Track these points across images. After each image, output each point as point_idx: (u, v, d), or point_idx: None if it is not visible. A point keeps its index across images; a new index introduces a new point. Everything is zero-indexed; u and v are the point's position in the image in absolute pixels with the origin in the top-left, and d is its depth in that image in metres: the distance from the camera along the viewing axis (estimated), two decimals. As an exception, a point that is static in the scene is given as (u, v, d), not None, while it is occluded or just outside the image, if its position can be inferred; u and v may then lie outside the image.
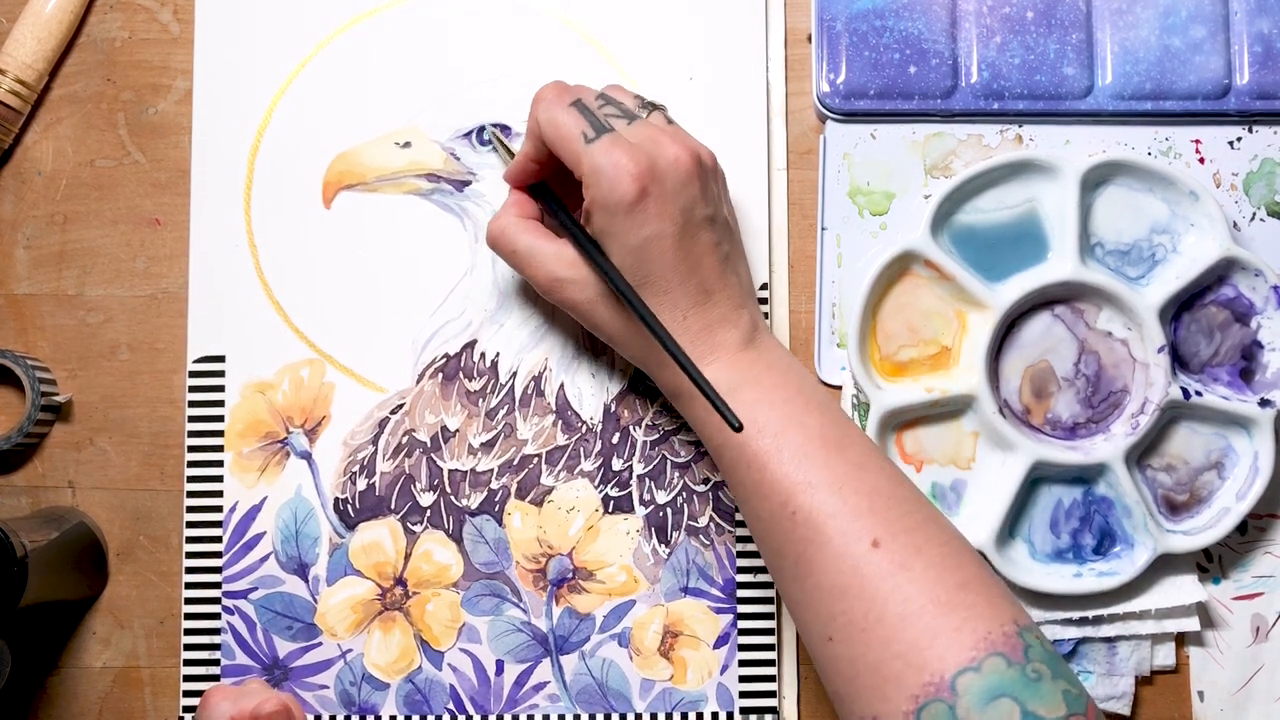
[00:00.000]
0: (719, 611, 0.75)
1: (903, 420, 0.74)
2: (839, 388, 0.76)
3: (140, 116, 0.77)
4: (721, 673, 0.74)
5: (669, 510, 0.75)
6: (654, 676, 0.74)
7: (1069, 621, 0.74)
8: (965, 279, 0.73)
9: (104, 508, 0.76)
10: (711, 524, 0.75)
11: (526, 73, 0.77)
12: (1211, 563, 0.76)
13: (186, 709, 0.74)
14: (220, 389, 0.76)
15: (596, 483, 0.75)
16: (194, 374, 0.76)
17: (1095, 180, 0.74)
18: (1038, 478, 0.74)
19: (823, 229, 0.76)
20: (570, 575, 0.75)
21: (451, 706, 0.75)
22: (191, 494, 0.75)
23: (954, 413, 0.74)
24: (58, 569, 0.71)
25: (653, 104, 0.69)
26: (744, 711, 0.74)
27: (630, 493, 0.75)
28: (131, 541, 0.76)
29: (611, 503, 0.75)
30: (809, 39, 0.77)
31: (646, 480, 0.75)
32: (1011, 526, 0.74)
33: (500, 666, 0.75)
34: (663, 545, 0.75)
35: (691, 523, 0.75)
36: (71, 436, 0.76)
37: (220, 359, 0.76)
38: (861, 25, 0.76)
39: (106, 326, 0.77)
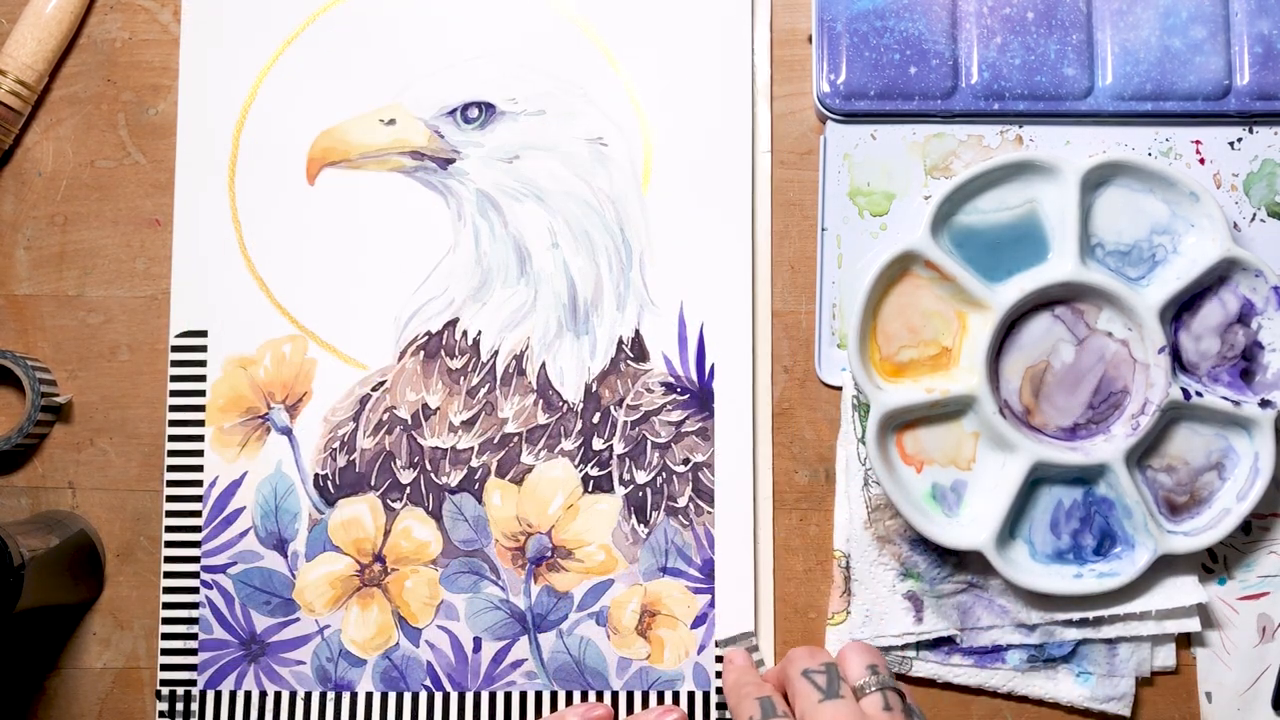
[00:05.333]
0: (697, 592, 0.74)
1: (903, 421, 0.74)
2: (839, 388, 0.75)
3: (140, 117, 0.78)
4: (698, 652, 0.74)
5: (648, 490, 0.75)
6: (631, 655, 0.74)
7: (1069, 622, 0.73)
8: (966, 279, 0.73)
9: (104, 508, 0.76)
10: (690, 504, 0.75)
11: (511, 50, 0.77)
12: (1216, 563, 0.75)
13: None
14: (202, 364, 0.76)
15: (576, 462, 0.75)
16: (176, 349, 0.76)
17: (1095, 181, 0.74)
18: (1038, 478, 0.74)
19: (823, 229, 0.76)
20: (549, 554, 0.75)
21: (428, 683, 0.74)
22: (172, 468, 0.75)
23: (954, 413, 0.74)
24: (54, 576, 0.71)
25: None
26: (720, 691, 0.74)
27: (610, 472, 0.75)
28: (131, 542, 0.76)
29: (591, 482, 0.75)
30: (809, 39, 0.77)
31: (626, 460, 0.75)
32: (1012, 527, 0.74)
33: (478, 644, 0.74)
34: (642, 525, 0.75)
35: (671, 503, 0.75)
36: (71, 437, 0.76)
37: (202, 334, 0.76)
38: (862, 25, 0.76)
39: (106, 327, 0.77)
